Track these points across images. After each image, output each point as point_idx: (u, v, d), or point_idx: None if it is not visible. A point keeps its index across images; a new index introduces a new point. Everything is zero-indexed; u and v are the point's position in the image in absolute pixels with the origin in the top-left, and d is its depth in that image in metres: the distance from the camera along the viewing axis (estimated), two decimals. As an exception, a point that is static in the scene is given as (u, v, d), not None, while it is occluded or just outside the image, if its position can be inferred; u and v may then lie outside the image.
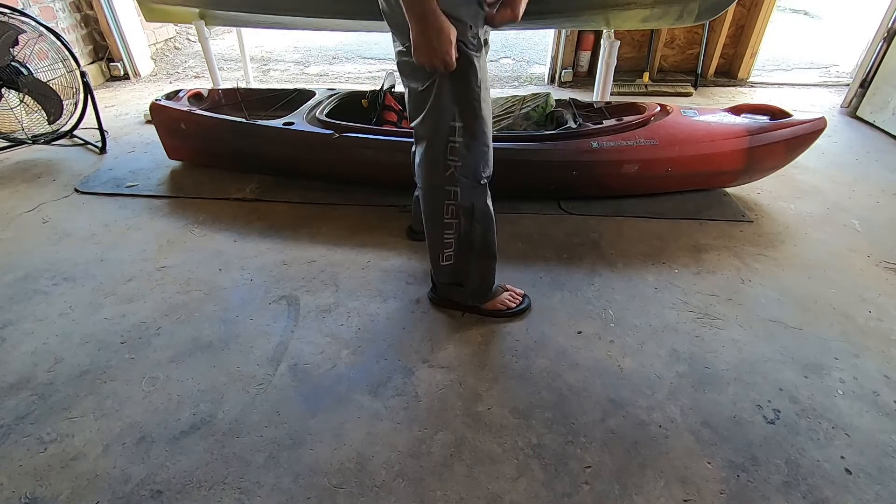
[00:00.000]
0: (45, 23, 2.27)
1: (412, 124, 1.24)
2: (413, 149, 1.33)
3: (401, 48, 1.16)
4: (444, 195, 1.24)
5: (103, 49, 3.52)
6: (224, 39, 4.86)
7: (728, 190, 2.07)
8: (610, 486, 1.00)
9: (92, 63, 3.44)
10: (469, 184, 1.23)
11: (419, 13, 1.01)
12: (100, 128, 2.46)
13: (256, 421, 1.13)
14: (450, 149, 1.19)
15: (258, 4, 2.50)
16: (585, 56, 3.50)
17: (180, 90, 2.26)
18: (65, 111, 2.32)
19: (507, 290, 1.45)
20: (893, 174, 2.27)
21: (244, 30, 3.18)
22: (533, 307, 1.46)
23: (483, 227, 1.30)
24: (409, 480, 1.01)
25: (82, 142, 2.50)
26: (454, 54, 1.06)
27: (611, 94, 2.89)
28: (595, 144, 1.83)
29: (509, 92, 2.41)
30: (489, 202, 1.29)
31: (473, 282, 1.39)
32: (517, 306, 1.43)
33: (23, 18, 2.18)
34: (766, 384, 1.22)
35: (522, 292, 1.47)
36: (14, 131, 2.31)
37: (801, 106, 3.12)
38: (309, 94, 2.25)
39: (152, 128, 2.32)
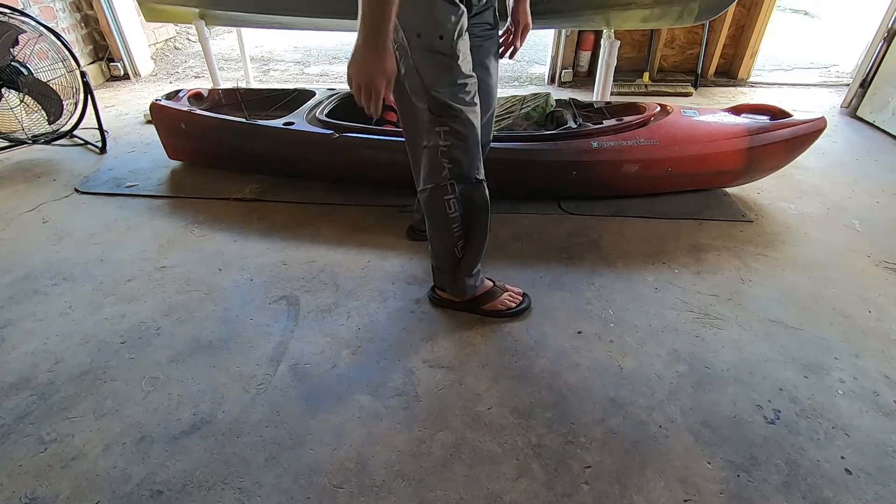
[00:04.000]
0: (45, 23, 2.27)
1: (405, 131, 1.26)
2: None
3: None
4: (443, 191, 1.25)
5: (103, 49, 3.52)
6: (224, 39, 4.86)
7: (728, 190, 2.07)
8: (610, 486, 1.00)
9: (92, 63, 3.44)
10: (463, 184, 1.25)
11: (369, 28, 0.95)
12: (100, 128, 2.46)
13: (256, 421, 1.13)
14: (441, 151, 1.20)
15: (258, 4, 2.50)
16: (585, 56, 3.50)
17: (180, 90, 2.26)
18: (65, 111, 2.32)
19: (507, 291, 1.45)
20: (893, 174, 2.27)
21: (244, 30, 3.18)
22: (533, 307, 1.46)
23: (480, 218, 1.31)
24: (409, 480, 1.01)
25: (82, 142, 2.50)
26: (381, 102, 1.03)
27: (611, 94, 2.90)
28: (595, 144, 1.83)
29: (509, 92, 2.41)
30: (486, 195, 1.29)
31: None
32: (517, 306, 1.43)
33: (23, 18, 2.18)
34: (766, 384, 1.22)
35: (522, 292, 1.47)
36: (14, 131, 2.31)
37: (801, 106, 3.12)
38: (309, 94, 2.25)
39: (152, 128, 2.31)
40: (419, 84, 1.14)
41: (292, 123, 1.99)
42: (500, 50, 1.38)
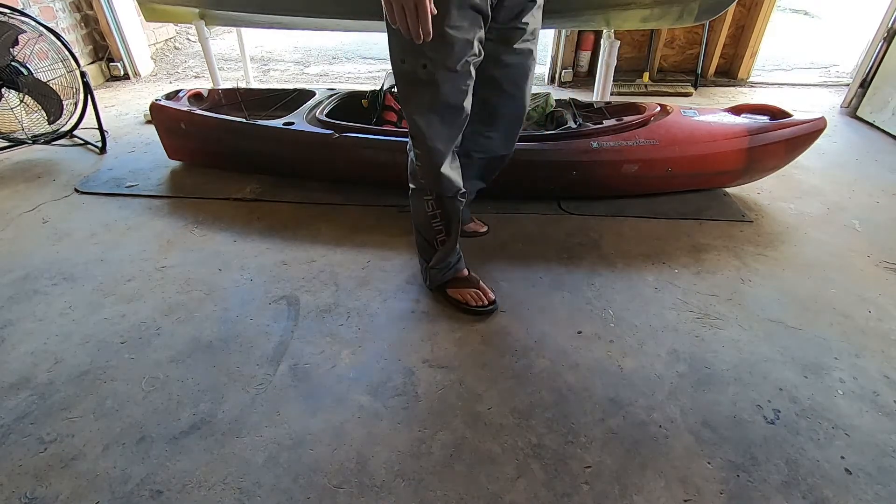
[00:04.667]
0: (45, 23, 2.26)
1: None
2: None
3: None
4: (423, 193, 1.33)
5: (103, 49, 3.52)
6: (224, 39, 4.86)
7: (728, 190, 2.07)
8: (610, 486, 1.00)
9: (92, 63, 3.44)
10: (436, 195, 1.31)
11: None
12: (100, 128, 2.46)
13: (256, 421, 1.13)
14: (415, 165, 1.29)
15: (258, 4, 2.50)
16: (585, 56, 3.51)
17: (180, 90, 2.26)
18: (65, 111, 2.32)
19: (480, 289, 1.43)
20: (893, 174, 2.27)
21: (244, 30, 3.18)
22: (533, 307, 1.46)
23: (452, 225, 1.36)
24: (409, 480, 1.01)
25: (82, 142, 2.50)
26: (429, 16, 0.91)
27: (611, 94, 2.90)
28: (595, 144, 1.83)
29: (509, 92, 2.40)
30: (458, 207, 1.33)
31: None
32: (476, 306, 1.41)
33: (23, 18, 2.18)
34: (766, 384, 1.22)
35: (493, 299, 1.43)
36: (14, 131, 2.31)
37: (801, 106, 3.12)
38: (309, 94, 2.25)
39: (152, 128, 2.31)
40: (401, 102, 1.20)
41: (292, 123, 1.99)
42: None
